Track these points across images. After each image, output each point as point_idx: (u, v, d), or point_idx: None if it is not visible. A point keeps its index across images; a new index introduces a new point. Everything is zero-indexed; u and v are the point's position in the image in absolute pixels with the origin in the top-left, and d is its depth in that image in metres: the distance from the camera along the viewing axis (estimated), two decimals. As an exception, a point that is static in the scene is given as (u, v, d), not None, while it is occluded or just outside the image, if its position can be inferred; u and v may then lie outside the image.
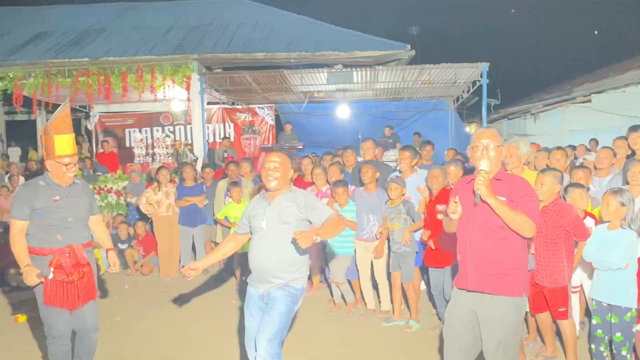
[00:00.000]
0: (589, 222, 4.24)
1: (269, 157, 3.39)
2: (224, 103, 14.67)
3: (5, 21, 14.32)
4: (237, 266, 6.80)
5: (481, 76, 11.16)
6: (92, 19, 14.33)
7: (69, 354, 3.72)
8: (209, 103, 13.14)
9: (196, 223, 7.56)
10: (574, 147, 10.29)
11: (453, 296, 3.31)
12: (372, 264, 5.56)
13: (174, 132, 15.09)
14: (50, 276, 3.55)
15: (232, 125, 15.31)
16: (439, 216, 4.67)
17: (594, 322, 3.89)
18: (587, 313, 4.67)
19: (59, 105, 3.78)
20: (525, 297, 3.15)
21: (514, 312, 3.07)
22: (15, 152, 15.78)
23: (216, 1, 15.60)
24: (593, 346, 3.90)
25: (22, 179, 11.13)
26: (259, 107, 15.35)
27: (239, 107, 15.25)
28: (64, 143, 3.64)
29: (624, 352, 3.73)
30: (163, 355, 4.73)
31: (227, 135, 14.67)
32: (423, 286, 5.89)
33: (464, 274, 3.16)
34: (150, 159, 14.77)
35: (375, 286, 5.70)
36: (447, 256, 4.54)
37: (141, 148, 15.16)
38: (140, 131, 15.20)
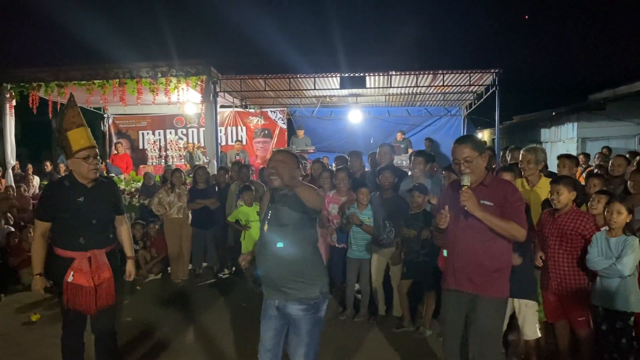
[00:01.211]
0: None
1: (272, 156, 3.25)
2: (236, 106, 14.74)
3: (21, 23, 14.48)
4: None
5: (494, 82, 11.11)
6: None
7: (81, 351, 3.71)
8: (221, 106, 13.20)
9: (208, 225, 7.60)
10: (587, 155, 10.23)
11: (443, 299, 3.47)
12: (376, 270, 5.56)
13: (186, 135, 15.19)
14: (70, 279, 3.53)
15: (244, 128, 15.39)
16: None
17: (603, 328, 3.87)
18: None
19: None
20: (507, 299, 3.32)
21: (497, 312, 3.25)
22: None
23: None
24: (606, 355, 3.88)
25: (36, 179, 11.29)
26: (271, 111, 15.42)
27: (252, 110, 15.32)
28: (77, 137, 3.57)
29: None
30: (173, 356, 4.76)
31: (240, 139, 14.75)
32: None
33: (451, 275, 3.31)
34: (163, 161, 14.88)
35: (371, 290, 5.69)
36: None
37: (154, 150, 15.28)
38: (153, 133, 15.33)
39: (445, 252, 4.72)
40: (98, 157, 3.66)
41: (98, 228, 3.64)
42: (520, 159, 4.88)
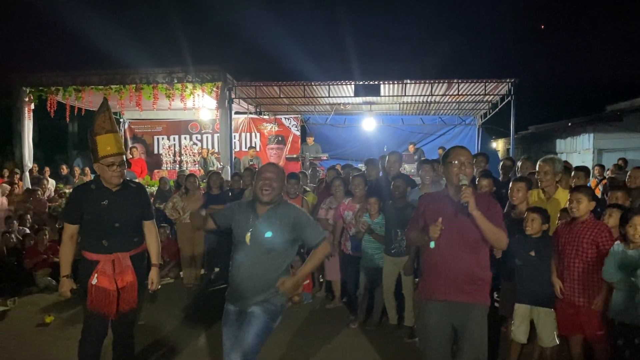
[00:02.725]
0: None
1: (264, 169, 3.33)
2: (251, 113, 14.82)
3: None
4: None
5: (510, 92, 11.06)
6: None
7: (97, 357, 3.68)
8: (236, 112, 13.28)
9: (220, 231, 7.59)
10: (603, 167, 10.14)
11: (425, 310, 3.42)
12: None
13: (201, 140, 15.29)
14: (95, 282, 3.55)
15: (258, 134, 15.46)
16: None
17: (619, 343, 3.81)
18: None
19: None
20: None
21: (484, 318, 3.31)
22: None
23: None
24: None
25: (52, 182, 11.42)
26: (285, 118, 15.48)
27: (266, 117, 15.39)
28: (105, 143, 3.60)
29: None
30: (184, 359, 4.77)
31: (253, 145, 14.81)
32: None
33: (440, 286, 3.28)
34: (178, 166, 14.98)
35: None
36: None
37: (169, 155, 15.39)
38: (168, 138, 15.44)
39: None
40: (124, 163, 3.67)
41: (122, 232, 3.65)
42: (537, 169, 4.84)
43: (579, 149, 15.37)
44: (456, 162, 3.28)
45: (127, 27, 19.68)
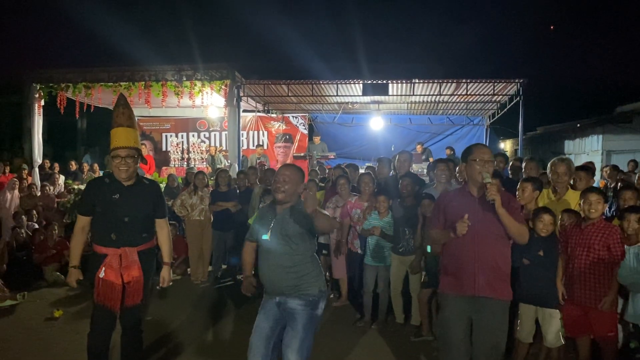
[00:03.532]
0: None
1: (280, 169, 3.45)
2: (259, 111, 14.85)
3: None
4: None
5: (519, 92, 11.03)
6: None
7: (105, 350, 3.72)
8: (244, 110, 13.32)
9: (228, 228, 7.65)
10: (616, 167, 10.05)
11: (447, 305, 3.50)
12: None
13: (209, 138, 15.32)
14: (102, 275, 3.60)
15: (266, 133, 15.48)
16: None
17: (632, 346, 3.80)
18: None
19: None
20: None
21: (506, 314, 3.40)
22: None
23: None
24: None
25: (61, 178, 11.50)
26: (293, 116, 15.50)
27: (274, 115, 15.40)
28: (116, 136, 3.67)
29: None
30: (191, 356, 4.80)
31: (261, 143, 14.84)
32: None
33: (469, 281, 3.35)
34: (185, 163, 15.03)
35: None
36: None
37: (177, 152, 15.45)
38: (176, 136, 15.49)
39: (429, 248, 4.77)
40: (133, 158, 3.69)
41: (131, 226, 3.68)
42: (551, 169, 4.82)
43: (587, 150, 15.28)
44: (479, 159, 3.34)
45: (136, 25, 19.75)
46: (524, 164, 6.35)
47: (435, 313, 5.12)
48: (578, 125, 15.49)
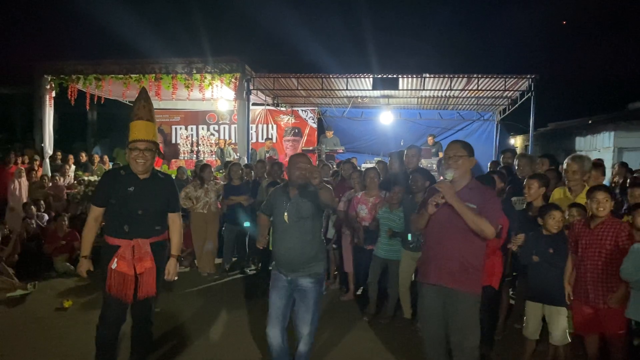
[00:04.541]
0: None
1: (297, 158, 3.81)
2: (268, 104, 14.85)
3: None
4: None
5: (530, 88, 10.93)
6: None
7: (114, 341, 3.75)
8: (253, 104, 13.32)
9: (240, 221, 7.64)
10: (625, 165, 9.95)
11: (422, 294, 3.66)
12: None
13: (218, 131, 15.37)
14: (114, 266, 3.62)
15: (275, 126, 15.50)
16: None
17: (635, 343, 3.77)
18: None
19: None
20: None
21: (474, 306, 3.46)
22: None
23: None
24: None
25: (72, 168, 11.57)
26: (302, 110, 15.48)
27: (283, 109, 15.41)
28: (134, 129, 3.71)
29: None
30: (198, 348, 4.83)
31: (270, 137, 14.86)
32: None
33: (435, 270, 3.50)
34: (195, 156, 15.09)
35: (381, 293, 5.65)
36: (489, 272, 4.44)
37: (186, 145, 15.51)
38: (186, 128, 15.55)
39: (409, 236, 5.08)
40: (150, 151, 3.71)
41: (144, 219, 3.71)
42: (565, 167, 4.78)
43: (599, 147, 15.13)
44: (445, 156, 3.58)
45: (147, 17, 19.81)
46: (516, 161, 6.31)
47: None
48: (589, 121, 15.35)
